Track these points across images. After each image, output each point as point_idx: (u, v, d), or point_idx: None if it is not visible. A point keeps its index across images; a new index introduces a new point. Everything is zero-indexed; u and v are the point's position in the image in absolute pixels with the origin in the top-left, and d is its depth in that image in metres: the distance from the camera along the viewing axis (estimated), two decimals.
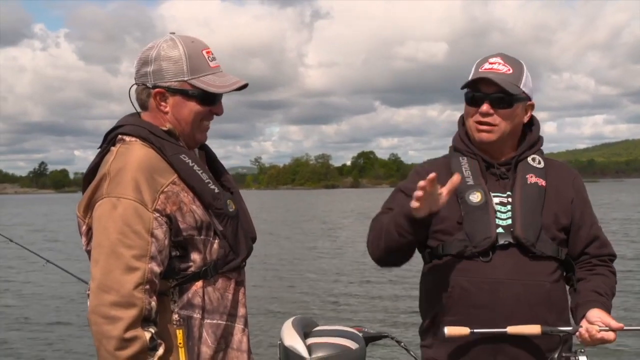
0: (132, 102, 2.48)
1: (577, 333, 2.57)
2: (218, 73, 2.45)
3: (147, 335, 2.17)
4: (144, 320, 2.18)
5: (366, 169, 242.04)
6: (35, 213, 60.83)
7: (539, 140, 2.84)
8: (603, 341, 2.51)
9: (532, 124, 2.86)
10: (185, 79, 2.38)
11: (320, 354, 2.83)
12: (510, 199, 2.69)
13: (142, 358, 2.16)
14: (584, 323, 2.56)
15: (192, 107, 2.42)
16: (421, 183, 2.44)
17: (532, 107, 2.80)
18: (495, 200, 2.71)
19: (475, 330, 2.52)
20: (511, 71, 2.71)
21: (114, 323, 2.13)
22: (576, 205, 2.75)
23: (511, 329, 2.52)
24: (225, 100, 2.49)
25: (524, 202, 2.67)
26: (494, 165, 2.76)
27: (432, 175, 2.44)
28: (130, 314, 2.15)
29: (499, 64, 2.72)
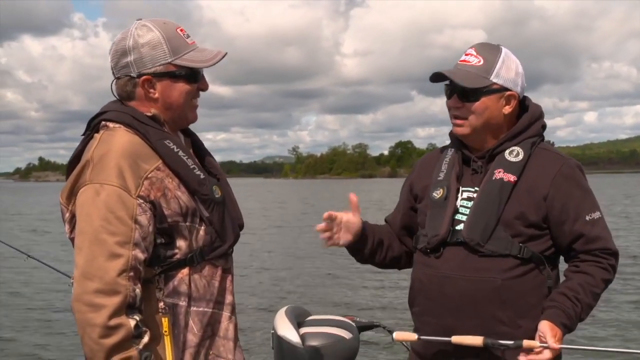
0: (115, 97, 2.47)
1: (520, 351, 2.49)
2: (197, 49, 2.44)
3: (132, 323, 2.16)
4: (128, 307, 2.17)
5: (404, 158, 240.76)
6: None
7: (526, 129, 2.73)
8: None
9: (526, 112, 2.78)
10: (169, 60, 2.37)
11: (313, 343, 2.84)
12: (476, 195, 2.69)
13: (126, 346, 2.15)
14: (525, 340, 2.47)
15: (181, 87, 2.41)
16: (319, 227, 2.81)
17: (514, 97, 2.71)
18: (465, 195, 2.72)
19: (422, 337, 2.55)
20: (481, 63, 2.67)
21: (97, 311, 2.12)
22: (553, 201, 2.62)
23: (455, 339, 2.52)
24: (261, 90, 2.49)
25: (480, 200, 2.66)
26: (471, 158, 2.76)
27: (325, 215, 2.78)
28: (114, 301, 2.13)
29: (472, 55, 2.71)
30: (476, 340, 2.50)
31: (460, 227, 2.66)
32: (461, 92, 2.68)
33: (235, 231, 2.51)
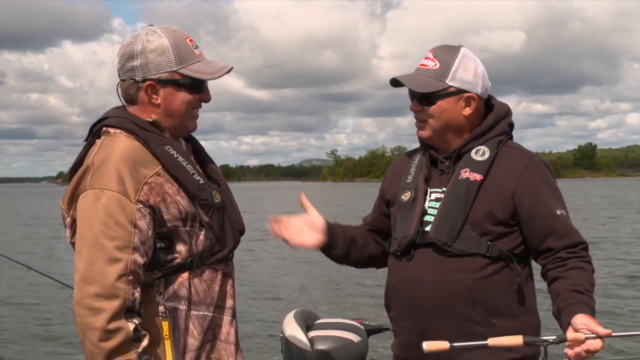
0: (120, 99, 2.49)
1: (567, 344, 2.38)
2: (204, 60, 2.46)
3: (131, 327, 2.17)
4: (127, 311, 2.18)
5: None
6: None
7: (492, 128, 2.74)
8: (589, 352, 2.34)
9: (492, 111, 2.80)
10: (175, 69, 2.39)
11: (322, 346, 2.84)
12: (443, 195, 2.70)
13: (126, 349, 2.16)
14: (569, 332, 2.39)
15: (183, 97, 2.42)
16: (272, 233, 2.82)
17: (473, 98, 2.72)
18: (433, 196, 2.73)
19: (455, 345, 2.41)
20: (437, 66, 2.71)
21: (97, 314, 2.14)
22: (522, 197, 2.63)
23: (492, 341, 2.41)
24: (298, 93, 2.50)
25: (447, 200, 2.67)
26: (438, 159, 2.77)
27: (270, 217, 2.82)
28: (113, 305, 2.15)
29: (429, 59, 2.75)
30: (516, 340, 2.41)
31: (429, 228, 2.67)
32: (419, 96, 2.73)
33: (236, 236, 2.52)
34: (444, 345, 2.38)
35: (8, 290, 15.76)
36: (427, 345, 2.38)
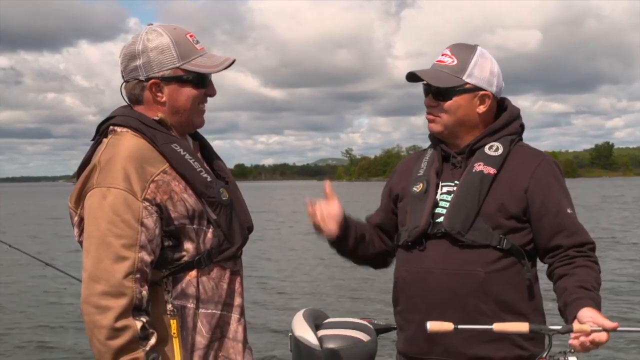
0: (125, 100, 2.49)
1: (572, 335, 2.38)
2: (206, 55, 2.46)
3: (138, 325, 2.18)
4: (135, 309, 2.19)
5: None
6: None
7: (505, 127, 2.78)
8: (594, 343, 2.33)
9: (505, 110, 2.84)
10: (177, 65, 2.39)
11: (331, 345, 2.83)
12: (456, 188, 2.71)
13: (133, 347, 2.17)
14: (575, 324, 2.39)
15: (188, 92, 2.42)
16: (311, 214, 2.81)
17: (488, 97, 2.75)
18: (445, 189, 2.74)
19: (459, 327, 2.41)
20: (455, 62, 2.74)
21: (104, 313, 2.15)
22: (534, 193, 2.66)
23: (497, 326, 2.40)
24: (313, 93, 2.49)
25: (460, 192, 2.68)
26: (450, 154, 2.80)
27: (308, 200, 2.82)
28: (120, 303, 2.16)
29: (446, 56, 2.77)
30: (522, 327, 2.41)
31: (440, 219, 2.68)
32: (435, 92, 2.75)
33: (244, 234, 2.51)
34: (448, 326, 2.38)
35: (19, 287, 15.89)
36: (431, 325, 2.38)
